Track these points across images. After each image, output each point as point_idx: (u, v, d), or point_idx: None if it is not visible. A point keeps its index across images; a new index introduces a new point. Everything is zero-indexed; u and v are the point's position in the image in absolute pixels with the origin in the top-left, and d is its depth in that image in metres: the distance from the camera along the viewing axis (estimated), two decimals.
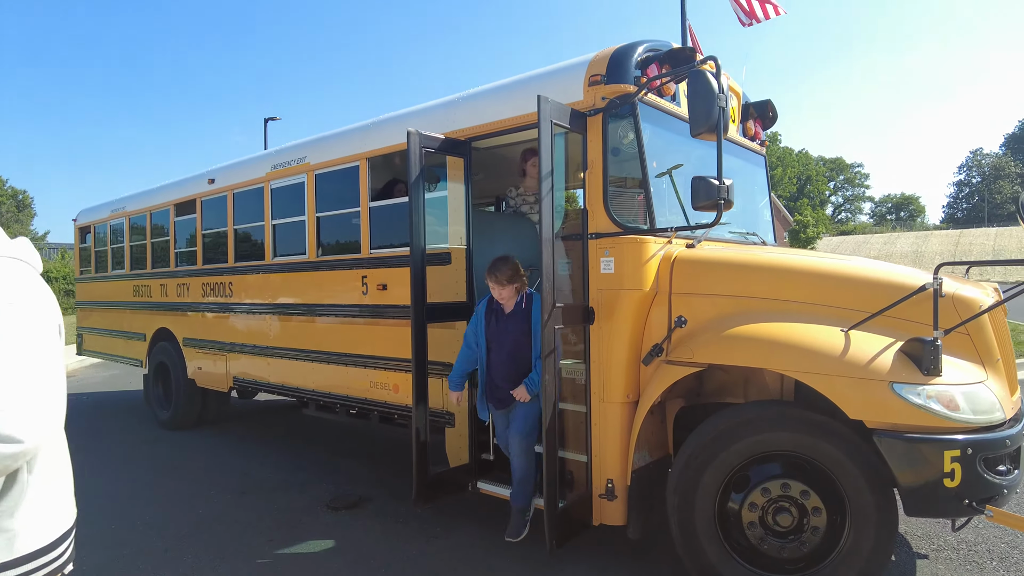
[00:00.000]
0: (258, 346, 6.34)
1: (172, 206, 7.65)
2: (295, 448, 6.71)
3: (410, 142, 4.05)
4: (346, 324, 5.42)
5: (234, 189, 6.62)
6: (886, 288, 3.17)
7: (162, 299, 7.87)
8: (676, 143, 4.19)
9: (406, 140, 4.07)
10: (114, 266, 9.11)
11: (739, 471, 3.24)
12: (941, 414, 2.82)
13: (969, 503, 2.80)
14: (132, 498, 5.18)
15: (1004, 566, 3.78)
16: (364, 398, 5.29)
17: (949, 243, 62.99)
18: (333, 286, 5.53)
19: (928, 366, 2.83)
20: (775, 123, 5.11)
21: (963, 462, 2.78)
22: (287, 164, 5.94)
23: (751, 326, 3.26)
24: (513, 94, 4.21)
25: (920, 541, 4.12)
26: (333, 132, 5.69)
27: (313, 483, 5.46)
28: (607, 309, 3.67)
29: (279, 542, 4.24)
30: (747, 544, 3.23)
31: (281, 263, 6.08)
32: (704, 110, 3.13)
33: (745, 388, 3.77)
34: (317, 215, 5.69)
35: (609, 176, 3.70)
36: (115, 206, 9.01)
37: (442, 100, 4.79)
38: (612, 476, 3.65)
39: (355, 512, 4.76)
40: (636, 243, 3.63)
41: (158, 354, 7.93)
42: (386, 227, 5.14)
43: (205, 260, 7.11)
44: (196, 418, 7.61)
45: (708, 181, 3.17)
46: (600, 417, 3.70)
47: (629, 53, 3.72)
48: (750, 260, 3.66)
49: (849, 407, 2.90)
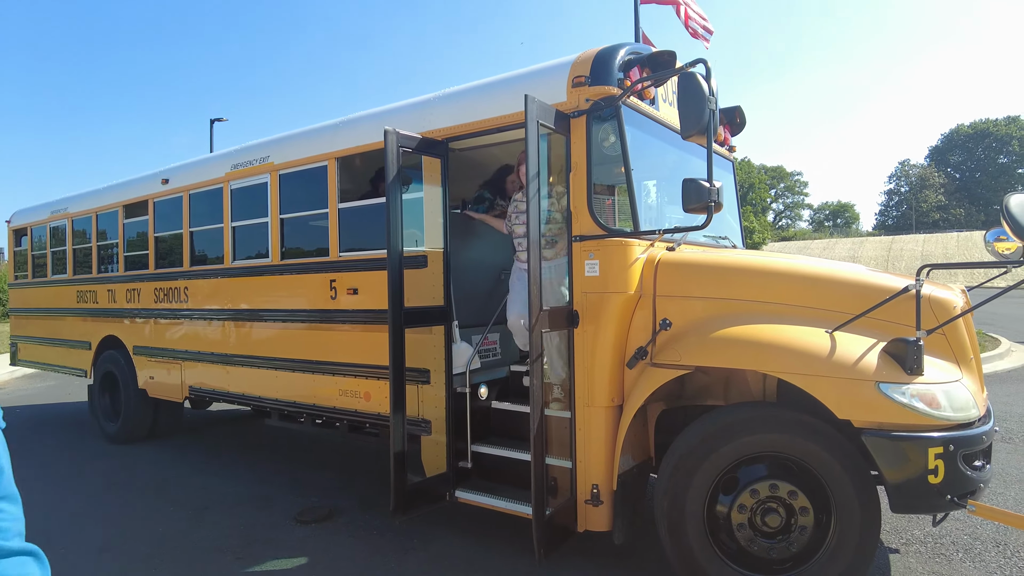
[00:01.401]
0: (216, 354, 6.06)
1: (121, 207, 7.26)
2: (257, 460, 6.44)
3: (387, 141, 3.94)
4: (313, 330, 5.23)
5: (190, 190, 6.33)
6: (868, 290, 3.24)
7: (110, 305, 7.45)
8: (656, 146, 4.21)
9: (383, 139, 3.95)
10: (55, 270, 8.60)
11: (728, 473, 3.24)
12: (924, 412, 2.88)
13: (951, 498, 2.87)
14: (81, 518, 4.85)
15: (969, 556, 3.91)
16: (332, 407, 5.11)
17: (882, 249, 65.99)
18: (299, 290, 5.33)
19: (912, 366, 2.90)
20: (743, 129, 5.19)
21: (945, 458, 2.85)
22: (249, 164, 5.71)
23: (738, 328, 3.28)
24: (493, 94, 4.14)
25: (890, 536, 4.23)
26: (299, 131, 5.50)
27: (279, 496, 5.24)
28: (592, 312, 3.64)
29: (248, 560, 4.04)
30: (736, 546, 3.23)
31: (242, 267, 5.84)
32: (695, 112, 3.14)
33: (726, 390, 3.79)
34: (281, 217, 5.48)
35: (594, 178, 3.67)
36: (56, 207, 8.51)
37: (417, 99, 4.69)
38: (597, 481, 3.61)
39: (326, 525, 4.58)
40: (621, 246, 3.61)
41: (105, 363, 7.50)
42: (356, 229, 4.99)
43: (158, 264, 6.77)
44: (147, 431, 7.23)
45: (699, 183, 3.17)
46: (585, 422, 3.65)
47: (613, 55, 3.71)
48: (733, 263, 3.69)
49: (837, 407, 2.94)
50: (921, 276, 3.08)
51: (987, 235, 3.64)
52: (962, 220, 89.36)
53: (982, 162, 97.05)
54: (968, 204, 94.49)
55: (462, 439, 4.36)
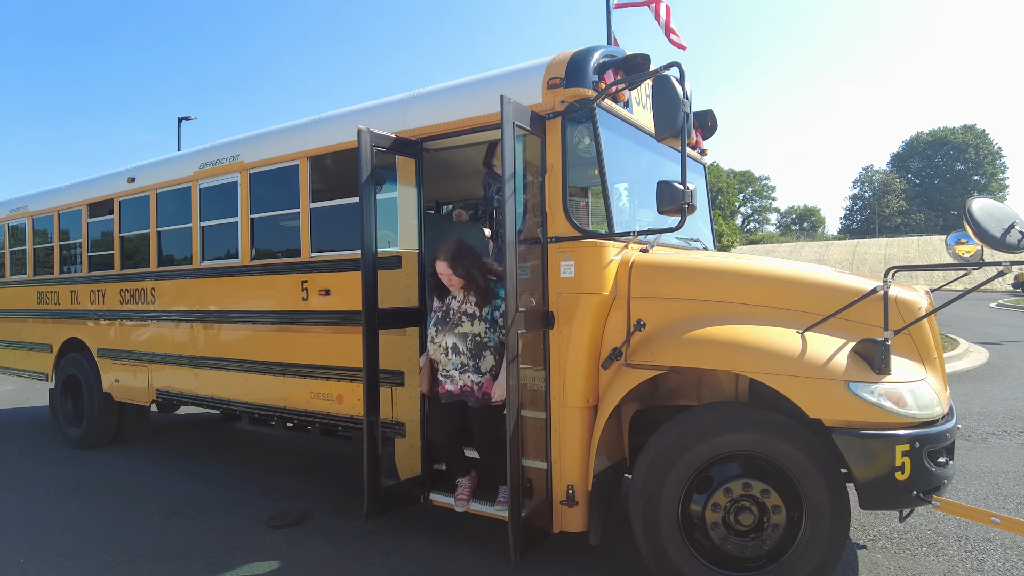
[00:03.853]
0: (185, 356, 5.93)
1: (85, 206, 7.07)
2: (225, 464, 6.32)
3: (361, 140, 3.90)
4: (284, 331, 5.15)
5: (158, 189, 6.18)
6: (838, 291, 3.30)
7: (72, 307, 7.23)
8: (630, 149, 4.25)
9: (356, 138, 3.91)
10: (13, 271, 8.33)
11: (702, 472, 3.28)
12: (892, 411, 2.95)
13: (917, 494, 2.94)
14: (43, 525, 4.70)
15: (932, 551, 4.02)
16: (304, 410, 5.04)
17: (847, 252, 67.61)
18: (269, 291, 5.25)
19: (880, 365, 2.96)
20: (715, 132, 5.27)
21: (912, 455, 2.92)
22: (218, 162, 5.61)
23: (712, 329, 3.32)
24: (469, 94, 4.13)
25: (857, 532, 4.32)
26: (271, 129, 5.42)
27: (249, 501, 5.14)
28: (567, 313, 3.65)
29: (217, 566, 3.95)
30: (710, 545, 3.27)
31: (211, 267, 5.72)
32: (669, 115, 3.17)
33: (699, 390, 3.83)
34: (252, 216, 5.39)
35: (568, 180, 3.68)
36: (14, 205, 8.24)
37: (391, 99, 4.65)
38: (572, 482, 3.62)
39: (298, 530, 4.51)
40: (596, 247, 3.62)
41: (67, 366, 7.28)
42: (329, 230, 4.93)
43: (124, 264, 6.60)
44: (112, 435, 7.04)
45: (673, 186, 3.20)
46: (560, 423, 3.66)
47: (587, 57, 3.72)
48: (707, 265, 3.73)
49: (808, 406, 2.99)
50: (888, 278, 3.15)
51: (948, 238, 3.73)
52: (922, 225, 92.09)
53: (940, 169, 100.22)
54: (928, 209, 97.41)
55: None
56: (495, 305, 3.85)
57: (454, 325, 3.83)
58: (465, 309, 3.84)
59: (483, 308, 3.85)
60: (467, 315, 3.83)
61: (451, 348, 3.83)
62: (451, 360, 3.83)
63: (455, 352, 3.82)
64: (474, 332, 3.82)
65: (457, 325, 3.83)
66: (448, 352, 3.84)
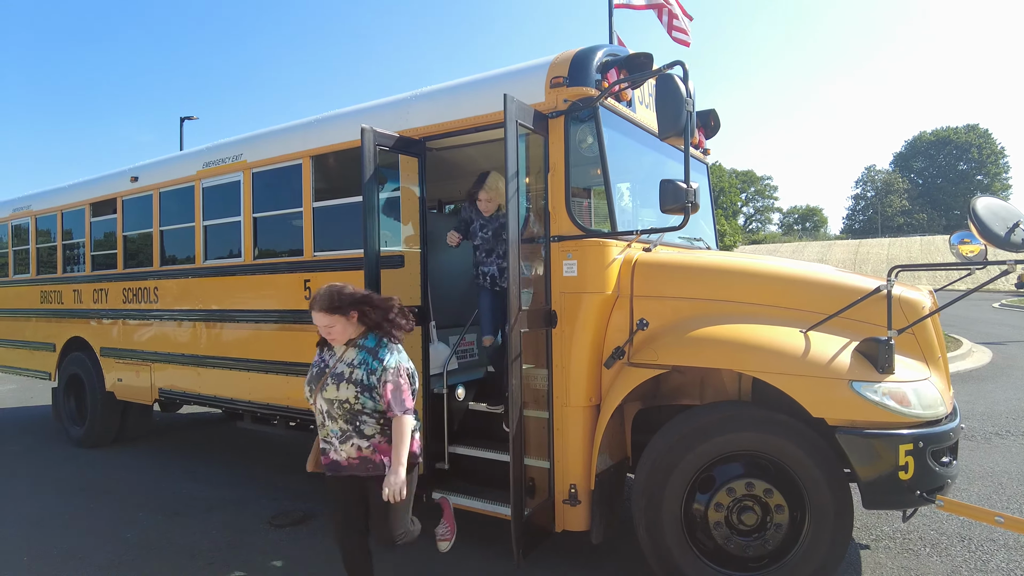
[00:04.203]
0: (188, 355, 5.94)
1: (88, 205, 7.08)
2: (228, 463, 6.33)
3: (364, 139, 3.90)
4: (287, 331, 5.15)
5: (160, 188, 6.19)
6: (841, 291, 3.30)
7: (76, 306, 7.24)
8: (633, 148, 4.24)
9: (360, 137, 3.91)
10: (16, 270, 8.35)
11: (704, 472, 3.28)
12: (895, 410, 2.94)
13: (921, 494, 2.93)
14: (46, 525, 4.72)
15: (936, 551, 4.01)
16: (307, 409, 5.02)
17: (850, 252, 67.49)
18: (272, 291, 5.25)
19: (883, 364, 2.96)
20: (718, 132, 5.26)
21: (915, 455, 2.91)
22: (221, 162, 5.61)
23: (714, 328, 3.31)
24: (471, 94, 4.13)
25: (860, 532, 4.31)
26: (273, 128, 5.42)
27: (251, 500, 5.15)
28: (570, 312, 3.65)
29: (221, 565, 3.96)
30: (713, 544, 3.27)
31: (214, 266, 5.73)
32: (673, 114, 3.17)
33: (701, 389, 3.83)
34: (255, 216, 5.40)
35: (571, 179, 3.68)
36: (18, 204, 8.26)
37: (394, 98, 4.65)
38: (575, 481, 3.62)
39: (301, 529, 4.52)
40: (599, 246, 3.62)
41: (70, 365, 7.30)
42: (332, 229, 4.93)
43: (127, 264, 6.61)
44: (114, 434, 7.05)
45: (676, 184, 3.20)
46: (562, 422, 3.66)
47: (590, 56, 3.72)
48: (709, 264, 3.73)
49: (812, 405, 2.99)
50: (892, 277, 3.15)
51: (952, 238, 3.73)
52: (925, 224, 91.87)
53: (943, 168, 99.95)
54: (931, 209, 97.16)
55: (439, 440, 4.33)
56: (372, 367, 2.99)
57: (323, 387, 3.06)
58: (337, 368, 3.05)
59: (358, 368, 3.01)
60: (335, 376, 3.03)
61: (326, 412, 3.08)
62: (329, 427, 3.10)
63: (331, 418, 3.07)
64: (340, 398, 2.99)
65: (324, 388, 3.05)
66: (324, 417, 3.11)
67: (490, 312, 4.40)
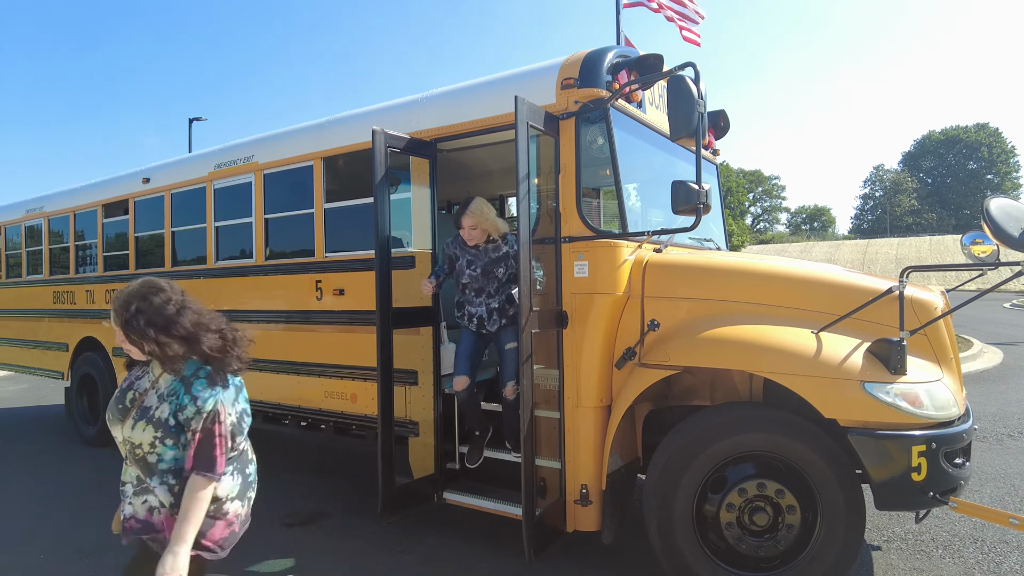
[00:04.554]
0: None
1: (100, 207, 7.14)
2: None
3: (375, 141, 3.93)
4: (298, 331, 5.18)
5: (172, 189, 6.24)
6: (853, 291, 3.29)
7: (88, 306, 7.30)
8: (643, 149, 4.25)
9: (371, 139, 3.93)
10: (30, 270, 8.42)
11: (716, 472, 3.28)
12: (907, 411, 2.94)
13: (934, 495, 2.93)
14: (61, 522, 4.76)
15: (948, 553, 3.99)
16: (318, 408, 5.07)
17: (858, 251, 67.15)
18: (283, 291, 5.29)
19: (895, 365, 2.95)
20: (728, 132, 5.26)
21: (928, 456, 2.91)
22: (233, 163, 5.65)
23: (726, 329, 3.31)
24: (482, 95, 4.15)
25: (872, 533, 4.30)
26: (285, 130, 5.45)
27: (263, 499, 5.13)
28: (581, 313, 3.66)
29: (231, 563, 3.95)
30: (725, 545, 3.27)
31: (225, 267, 5.77)
32: (684, 115, 3.18)
33: (712, 390, 3.83)
34: (266, 217, 5.43)
35: (582, 180, 3.70)
36: (31, 206, 8.33)
37: (404, 100, 4.68)
38: (586, 481, 3.63)
39: (311, 528, 4.55)
40: (610, 247, 3.63)
41: (83, 365, 7.36)
42: (343, 230, 4.96)
43: (138, 264, 6.66)
44: None
45: (688, 185, 3.21)
46: (574, 422, 3.67)
47: (601, 58, 3.73)
48: (721, 265, 3.73)
49: (823, 406, 2.99)
50: (904, 278, 3.14)
51: (963, 238, 3.72)
52: (934, 224, 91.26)
53: (953, 168, 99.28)
54: (940, 209, 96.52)
55: (450, 440, 4.36)
56: (181, 403, 2.16)
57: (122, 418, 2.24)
58: (147, 399, 2.24)
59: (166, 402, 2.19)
60: (141, 411, 2.21)
61: (129, 451, 2.24)
62: (126, 470, 2.28)
63: (129, 459, 2.25)
64: (134, 441, 2.19)
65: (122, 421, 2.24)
66: (124, 455, 2.28)
67: (469, 354, 4.09)
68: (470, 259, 4.02)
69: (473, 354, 4.10)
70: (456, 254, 4.07)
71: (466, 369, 4.04)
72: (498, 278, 4.01)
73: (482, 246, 4.01)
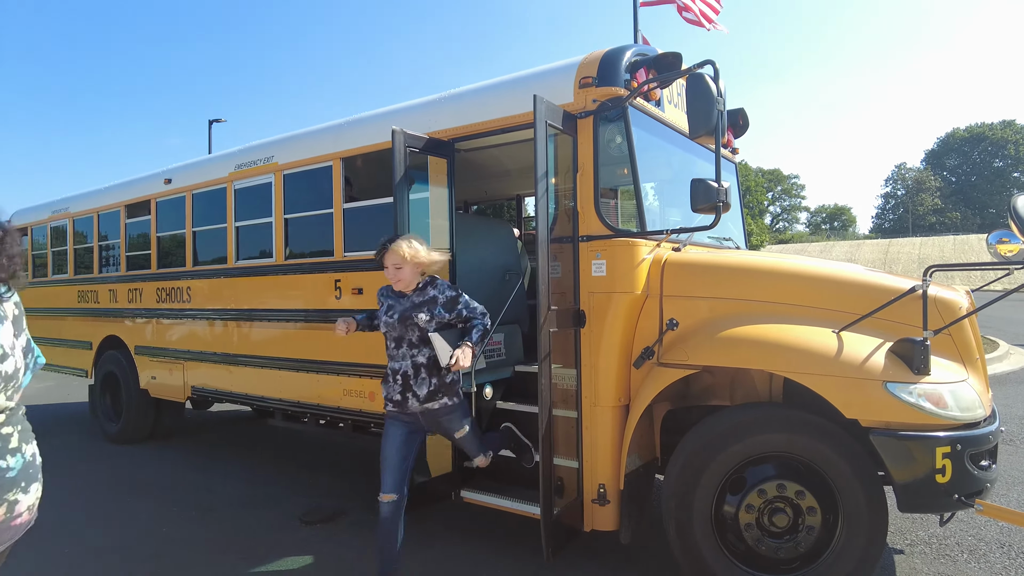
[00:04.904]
0: (219, 354, 6.05)
1: (123, 207, 7.25)
2: (259, 460, 6.43)
3: (395, 141, 3.95)
4: (317, 330, 5.23)
5: (193, 190, 6.32)
6: (875, 291, 3.25)
7: (111, 305, 7.43)
8: (662, 148, 4.23)
9: (390, 139, 3.95)
10: (55, 270, 8.59)
11: (735, 473, 3.25)
12: (931, 412, 2.90)
13: (959, 498, 2.88)
14: (84, 520, 4.84)
15: (974, 558, 3.92)
16: (337, 406, 5.11)
17: (879, 251, 66.17)
18: (303, 290, 5.33)
19: (918, 365, 2.91)
20: (746, 131, 5.22)
21: (953, 458, 2.86)
22: (253, 164, 5.71)
23: (746, 328, 3.29)
24: (500, 95, 4.16)
25: (895, 536, 4.24)
26: (303, 131, 5.50)
27: (283, 497, 5.23)
28: (599, 312, 3.65)
29: (253, 561, 4.03)
30: (744, 547, 3.24)
31: (245, 266, 5.83)
32: (704, 113, 3.16)
33: (732, 390, 3.80)
34: (286, 217, 5.48)
35: (600, 179, 3.69)
36: (56, 207, 8.49)
37: (422, 100, 4.70)
38: (604, 481, 3.62)
39: (331, 526, 4.58)
40: (628, 246, 3.62)
41: (106, 363, 7.48)
42: (361, 229, 4.99)
43: (160, 264, 6.76)
44: (148, 431, 7.22)
45: (707, 184, 3.19)
46: (591, 422, 3.66)
47: (619, 56, 3.72)
48: (740, 263, 3.70)
49: (845, 406, 2.95)
50: (927, 277, 3.10)
51: (989, 237, 3.65)
52: (958, 223, 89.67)
53: (978, 166, 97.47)
54: (964, 207, 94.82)
55: None
56: None
57: None
58: None
59: None
60: None
61: None
62: None
63: None
64: None
65: None
66: None
67: (396, 463, 3.26)
68: (391, 303, 3.35)
69: (401, 461, 3.27)
70: (380, 300, 3.45)
71: (393, 485, 3.21)
72: (418, 326, 3.23)
73: (406, 295, 3.32)
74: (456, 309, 3.31)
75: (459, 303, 3.32)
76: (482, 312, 3.35)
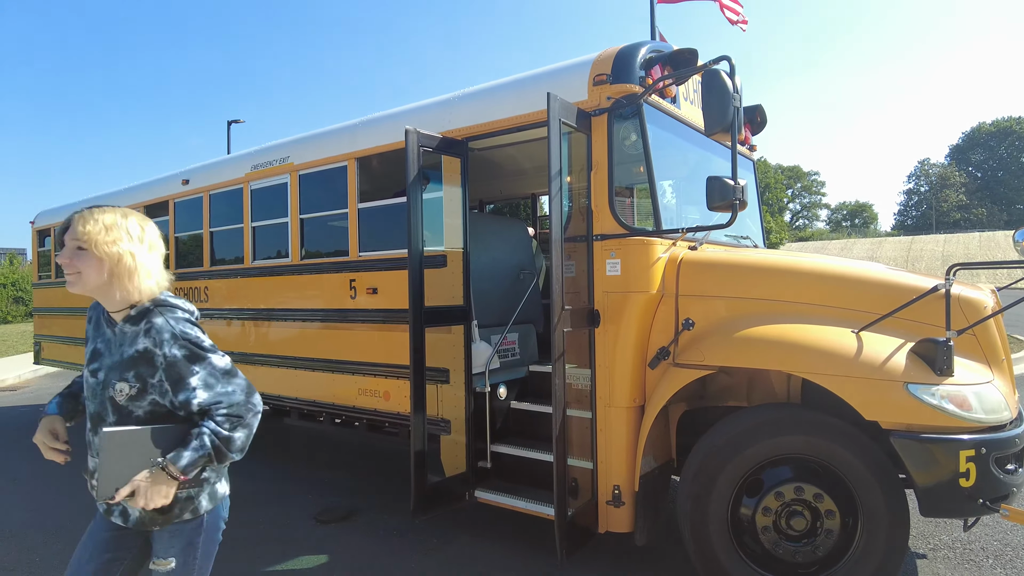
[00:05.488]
0: (236, 353, 6.08)
1: (142, 208, 7.33)
2: (274, 459, 6.47)
3: (408, 141, 3.94)
4: (332, 329, 5.25)
5: (210, 190, 6.38)
6: (896, 290, 3.18)
7: None
8: (677, 145, 4.18)
9: (404, 139, 3.95)
10: None
11: (752, 475, 3.20)
12: (955, 414, 2.83)
13: (983, 502, 2.81)
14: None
15: (1000, 563, 3.83)
16: (352, 406, 5.12)
17: (902, 249, 65.14)
18: (318, 290, 5.35)
19: (941, 366, 2.84)
20: (764, 128, 5.15)
21: (977, 461, 2.79)
22: (269, 164, 5.74)
23: (763, 328, 3.24)
24: (513, 93, 4.13)
25: (917, 541, 4.15)
26: (319, 131, 5.52)
27: (298, 496, 5.26)
28: (613, 312, 3.62)
29: (268, 559, 4.06)
30: (761, 549, 3.19)
31: (262, 266, 5.87)
32: (720, 110, 3.11)
33: (749, 391, 3.75)
34: (301, 217, 5.51)
35: (614, 177, 3.65)
36: (76, 209, 8.60)
37: (436, 99, 4.69)
38: (619, 482, 3.59)
39: (345, 525, 4.59)
40: (643, 245, 3.58)
41: None
42: (376, 229, 5.00)
43: (178, 264, 6.83)
44: None
45: (724, 181, 3.14)
46: (606, 422, 3.63)
47: (634, 53, 3.68)
48: (757, 262, 3.65)
49: (864, 408, 2.89)
50: (951, 275, 3.02)
51: (1016, 234, 3.56)
52: (984, 220, 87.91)
53: (1004, 161, 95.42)
54: (990, 204, 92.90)
55: (481, 439, 4.35)
56: None
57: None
58: None
59: None
60: None
61: None
62: None
63: None
64: None
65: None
66: None
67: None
68: (96, 347, 2.03)
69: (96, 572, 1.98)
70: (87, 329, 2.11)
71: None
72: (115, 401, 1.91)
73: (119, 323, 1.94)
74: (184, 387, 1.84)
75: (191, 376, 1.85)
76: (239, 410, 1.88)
